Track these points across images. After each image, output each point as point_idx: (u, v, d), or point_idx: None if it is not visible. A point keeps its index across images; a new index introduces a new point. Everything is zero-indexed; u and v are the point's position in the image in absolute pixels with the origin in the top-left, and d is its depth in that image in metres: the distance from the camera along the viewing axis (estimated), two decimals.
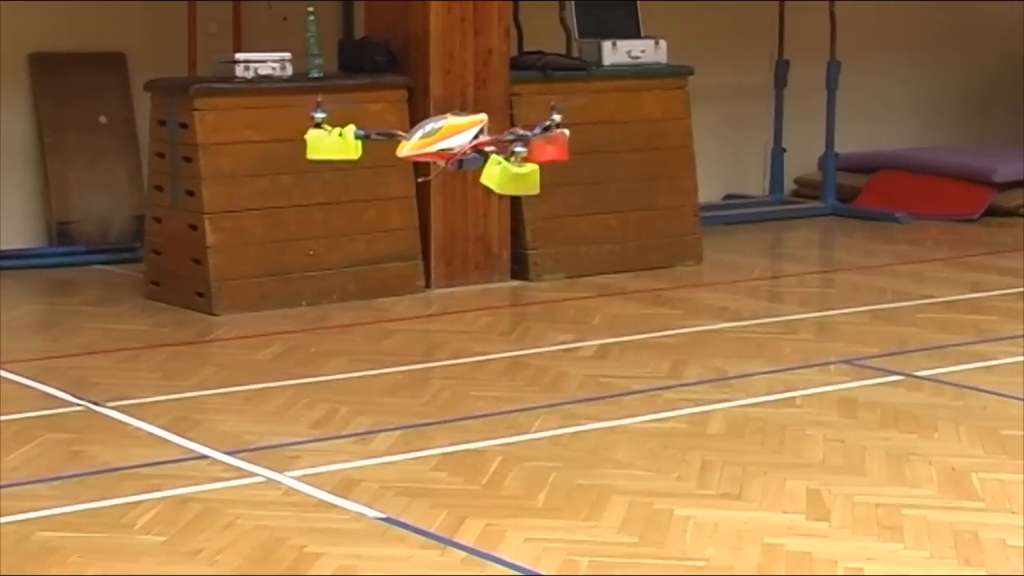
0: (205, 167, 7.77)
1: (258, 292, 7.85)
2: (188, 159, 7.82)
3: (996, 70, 12.52)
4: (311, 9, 8.16)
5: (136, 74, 9.06)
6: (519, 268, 8.65)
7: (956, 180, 10.90)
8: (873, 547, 4.55)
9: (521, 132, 4.91)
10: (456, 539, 4.59)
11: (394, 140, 4.84)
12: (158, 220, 8.09)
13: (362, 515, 4.79)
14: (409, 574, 4.32)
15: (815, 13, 10.80)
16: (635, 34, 9.21)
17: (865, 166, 11.32)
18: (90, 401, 6.07)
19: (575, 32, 9.22)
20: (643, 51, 9.11)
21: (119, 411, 5.94)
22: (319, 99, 4.93)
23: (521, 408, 6.03)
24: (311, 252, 8.01)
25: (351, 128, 4.94)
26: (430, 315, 7.91)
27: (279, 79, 8.04)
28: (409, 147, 4.75)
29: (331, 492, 4.99)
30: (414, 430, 5.74)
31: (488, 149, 4.73)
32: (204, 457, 5.38)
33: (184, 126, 7.83)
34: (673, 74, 9.17)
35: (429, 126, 4.76)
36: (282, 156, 7.94)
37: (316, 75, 8.17)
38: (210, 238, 7.76)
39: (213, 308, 7.71)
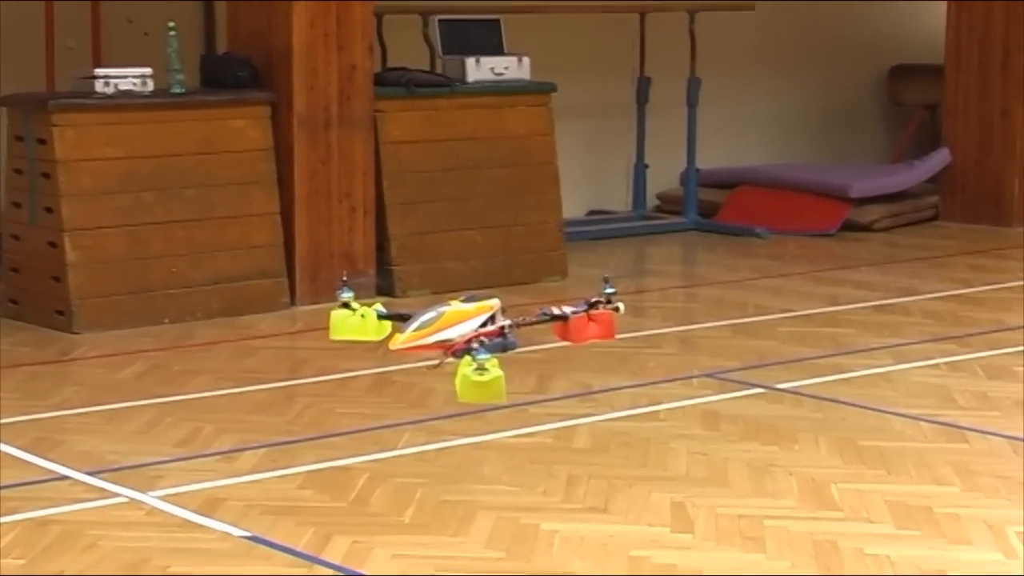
0: (64, 183, 7.66)
1: (120, 310, 7.75)
2: (47, 175, 7.70)
3: (854, 88, 12.77)
4: (172, 24, 8.09)
5: None
6: (384, 284, 8.64)
7: (814, 196, 11.09)
8: (736, 558, 4.61)
9: (557, 311, 4.79)
10: (323, 557, 4.57)
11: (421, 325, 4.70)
12: (16, 237, 7.95)
13: (227, 534, 4.75)
14: None
15: (675, 30, 10.93)
16: (498, 51, 9.26)
17: (725, 181, 11.48)
18: None
19: (439, 48, 9.24)
20: (506, 68, 9.15)
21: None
22: (344, 277, 4.90)
23: (387, 424, 6.02)
24: (174, 269, 7.93)
25: (374, 308, 4.88)
26: (295, 332, 7.87)
27: (140, 95, 7.95)
28: (402, 340, 4.55)
29: (196, 511, 4.94)
30: (279, 448, 5.70)
31: (496, 338, 4.62)
32: (65, 478, 5.30)
33: (42, 142, 7.72)
34: (536, 91, 9.23)
35: (427, 315, 4.61)
36: (144, 173, 7.87)
37: (178, 90, 8.10)
38: (70, 256, 7.65)
39: (74, 327, 7.61)
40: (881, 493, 5.19)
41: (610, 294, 4.85)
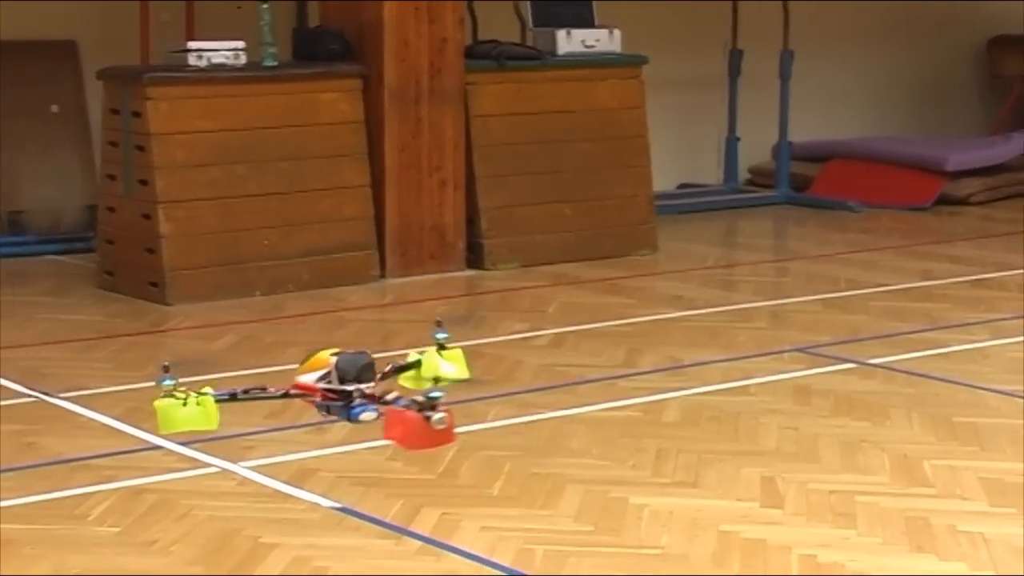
0: (158, 156, 7.73)
1: (212, 282, 7.81)
2: (141, 148, 7.78)
3: (949, 59, 12.60)
4: None
5: (88, 62, 9.00)
6: (474, 257, 8.65)
7: (908, 169, 10.96)
8: (826, 533, 4.58)
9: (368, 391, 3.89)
10: (411, 529, 4.59)
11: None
12: (111, 210, 8.04)
13: (317, 505, 4.78)
14: (364, 564, 4.31)
15: (768, 3, 10.83)
16: (589, 23, 9.22)
17: (818, 155, 11.38)
18: (43, 392, 6.04)
19: (529, 21, 9.22)
20: (597, 40, 9.11)
21: (72, 402, 5.91)
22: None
23: (476, 397, 6.03)
24: (266, 242, 7.98)
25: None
26: (385, 305, 7.90)
27: (233, 68, 8.01)
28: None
29: (286, 482, 4.98)
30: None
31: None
32: (158, 448, 5.35)
33: (137, 115, 7.79)
34: (627, 63, 9.19)
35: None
36: (236, 145, 7.92)
37: (270, 64, 8.15)
38: (163, 227, 7.72)
39: (167, 298, 7.68)
40: (975, 470, 5.13)
41: (434, 399, 3.96)
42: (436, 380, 3.87)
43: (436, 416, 3.38)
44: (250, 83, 8.04)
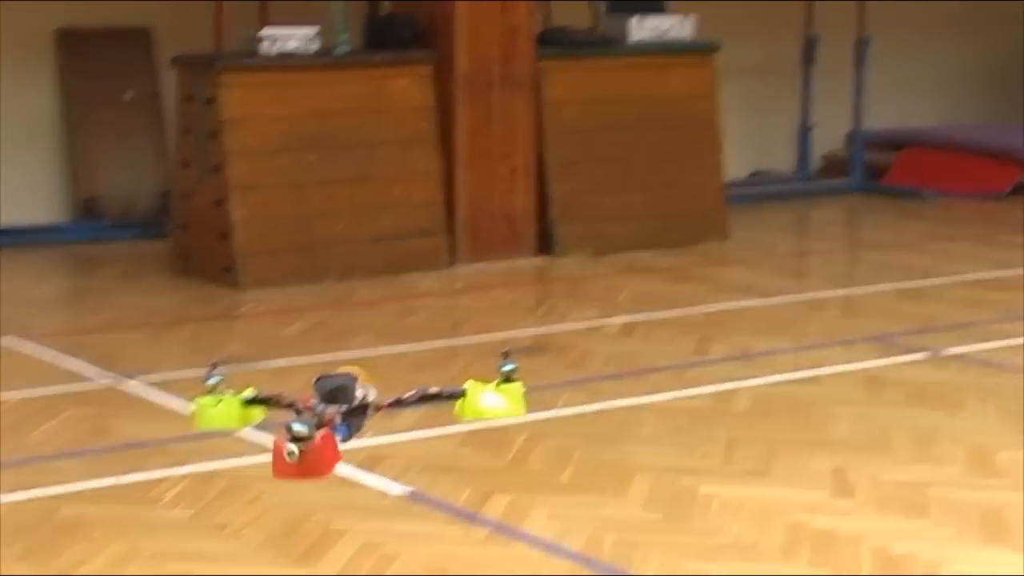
0: (231, 143, 7.77)
1: (284, 268, 7.85)
2: (214, 135, 7.82)
3: None
4: None
5: (162, 49, 9.07)
6: (544, 244, 8.64)
7: (985, 157, 10.84)
8: (898, 525, 4.54)
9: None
10: (481, 515, 4.59)
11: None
12: (185, 196, 8.10)
13: (387, 491, 4.79)
14: (433, 550, 4.32)
15: None
16: (661, 10, 9.18)
17: (893, 143, 11.27)
18: (116, 376, 6.09)
19: (601, 8, 9.19)
20: (669, 27, 9.07)
21: (145, 386, 5.96)
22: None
23: (546, 385, 6.02)
24: (337, 228, 8.01)
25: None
26: (455, 291, 7.91)
27: (305, 55, 8.03)
28: None
29: (356, 468, 4.99)
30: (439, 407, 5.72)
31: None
32: (229, 433, 5.38)
33: (210, 102, 7.83)
34: (700, 50, 9.14)
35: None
36: (308, 132, 7.95)
37: (342, 51, 8.17)
38: (236, 213, 7.77)
39: (239, 283, 7.73)
40: None
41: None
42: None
43: (287, 448, 3.21)
44: (322, 70, 8.07)
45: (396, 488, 4.81)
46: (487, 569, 4.19)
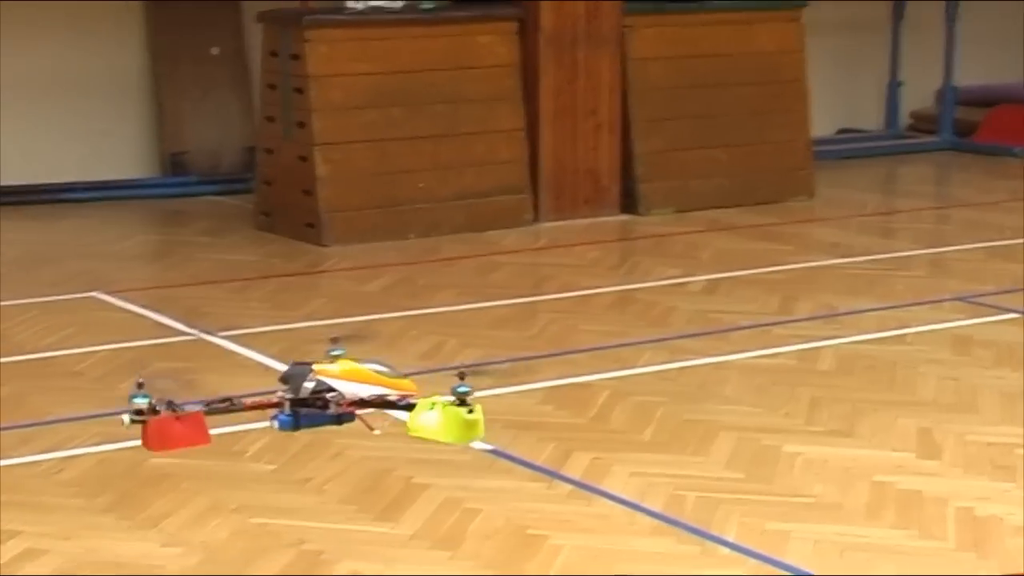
0: (316, 99, 7.79)
1: (367, 224, 7.88)
2: (299, 90, 7.85)
3: None
4: None
5: (248, 5, 9.10)
6: (628, 202, 8.60)
7: None
8: (985, 486, 4.49)
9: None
10: (562, 472, 4.59)
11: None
12: (269, 151, 8.14)
13: (468, 447, 4.80)
14: (515, 507, 4.33)
15: None
16: None
17: (983, 100, 11.10)
18: (202, 330, 6.14)
19: None
20: None
21: (230, 340, 6.01)
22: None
23: (628, 342, 6.01)
24: (421, 184, 8.02)
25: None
26: (538, 248, 7.90)
27: (391, 11, 8.04)
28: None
29: None
30: (521, 363, 5.74)
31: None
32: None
33: (296, 57, 7.85)
34: (787, 6, 9.03)
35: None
36: (392, 88, 7.95)
37: (427, 6, 8.16)
38: (320, 169, 7.80)
39: (323, 239, 7.76)
40: None
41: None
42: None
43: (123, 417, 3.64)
44: (408, 26, 8.06)
45: (477, 444, 4.81)
46: (568, 526, 4.19)
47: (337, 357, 3.81)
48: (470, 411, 3.90)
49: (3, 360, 5.67)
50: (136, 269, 7.45)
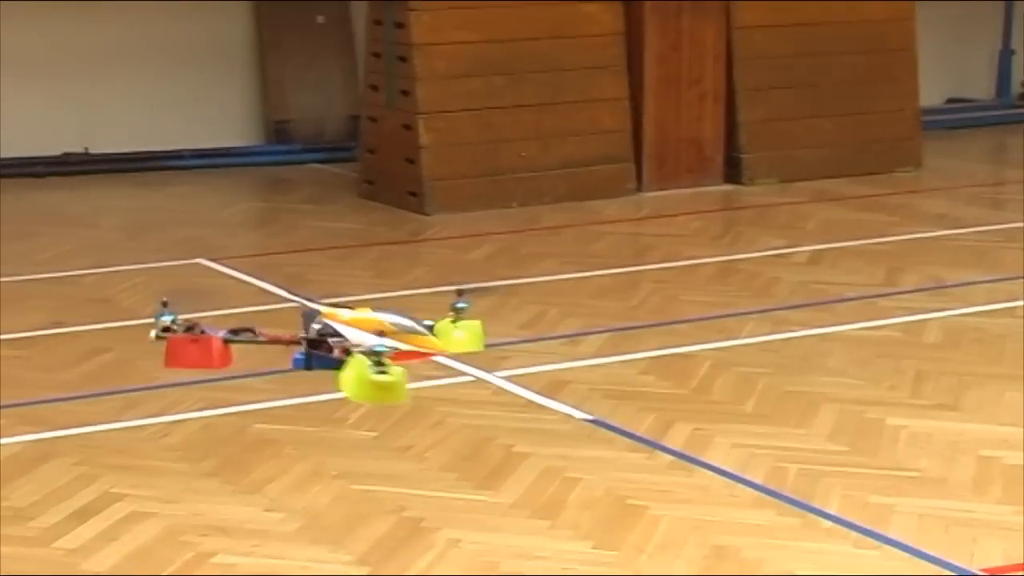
0: (420, 67, 7.80)
1: (470, 192, 7.88)
2: (403, 59, 7.86)
3: None
4: None
5: None
6: (732, 172, 8.54)
7: None
8: None
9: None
10: (663, 443, 4.57)
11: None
12: (373, 120, 8.16)
13: (569, 416, 4.80)
14: (615, 476, 4.32)
15: None
16: None
17: None
18: (305, 297, 6.18)
19: None
20: None
21: (332, 307, 6.02)
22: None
23: (731, 313, 5.97)
24: (523, 153, 8.01)
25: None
26: (641, 218, 7.86)
27: None
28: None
29: (539, 393, 5.01)
30: (623, 333, 5.72)
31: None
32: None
33: (400, 26, 7.86)
34: None
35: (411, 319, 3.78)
36: (496, 57, 7.94)
37: None
38: (424, 138, 7.81)
39: (425, 208, 7.78)
40: None
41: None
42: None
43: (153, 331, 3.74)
44: None
45: (578, 414, 4.81)
46: (668, 497, 4.18)
47: (460, 311, 3.80)
48: (381, 372, 3.67)
49: (111, 325, 5.74)
50: (240, 236, 7.51)
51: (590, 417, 4.78)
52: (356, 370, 3.63)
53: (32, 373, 5.22)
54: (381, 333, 3.73)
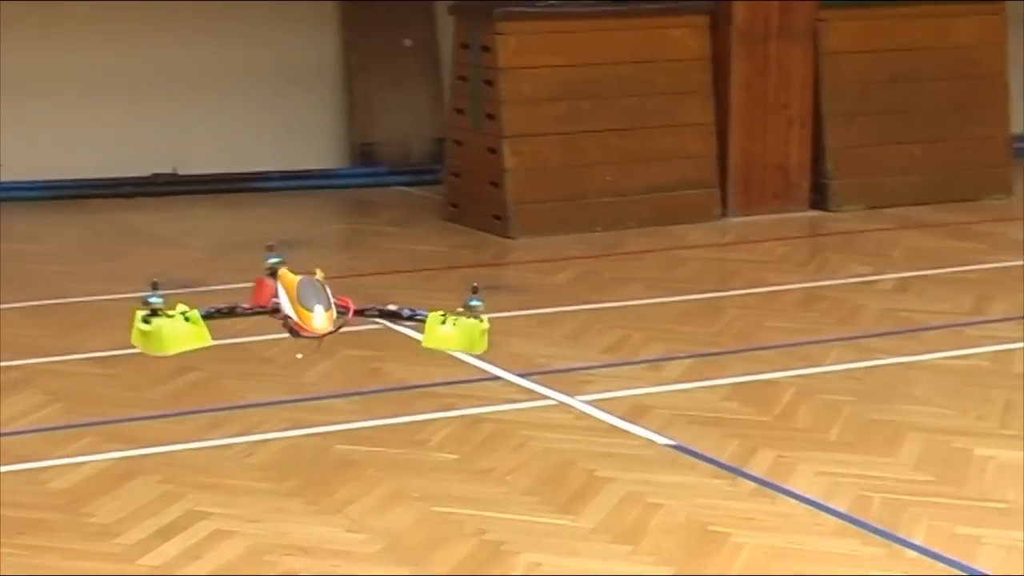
0: (506, 91, 7.82)
1: (554, 216, 7.88)
2: (489, 83, 7.88)
3: None
4: None
5: None
6: (818, 198, 8.48)
7: None
8: None
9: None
10: (746, 469, 4.54)
11: (247, 315, 4.05)
12: (458, 143, 8.19)
13: (652, 441, 4.78)
14: (697, 502, 4.29)
15: None
16: None
17: None
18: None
19: None
20: None
21: (416, 330, 6.03)
22: (155, 282, 3.84)
23: (816, 340, 5.92)
24: (608, 178, 8.00)
25: (194, 311, 3.93)
26: (725, 243, 7.83)
27: (582, 4, 8.03)
28: (323, 325, 3.84)
29: (621, 417, 4.99)
30: (706, 359, 5.70)
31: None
32: (497, 378, 5.44)
33: (486, 49, 7.89)
34: None
35: (321, 292, 3.91)
36: (581, 81, 7.95)
37: (619, 0, 8.14)
38: (509, 162, 7.82)
39: (509, 231, 7.79)
40: None
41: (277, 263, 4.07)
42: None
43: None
44: (598, 19, 8.05)
45: (661, 439, 4.79)
46: (751, 524, 4.15)
47: (473, 309, 3.87)
48: (146, 322, 3.76)
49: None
50: (325, 257, 7.51)
51: (673, 443, 4.76)
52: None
53: (119, 391, 5.28)
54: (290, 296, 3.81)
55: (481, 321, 3.79)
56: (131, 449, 4.69)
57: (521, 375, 5.47)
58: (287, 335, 3.88)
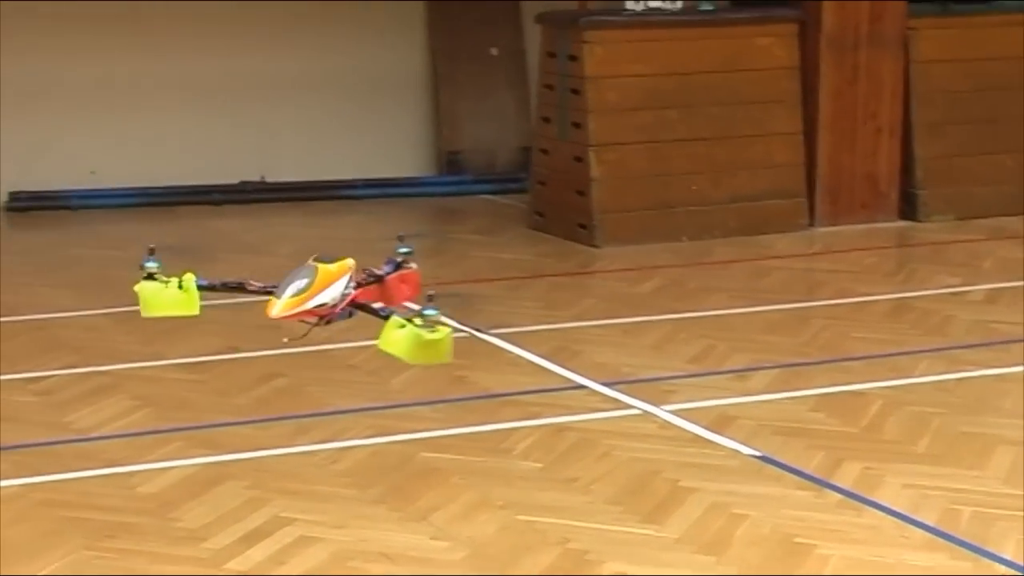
0: (592, 99, 7.82)
1: (640, 225, 7.87)
2: (576, 91, 7.88)
3: None
4: None
5: (528, 6, 9.19)
6: (907, 208, 8.40)
7: None
8: None
9: (376, 272, 4.27)
10: (832, 481, 4.51)
11: (243, 292, 4.24)
12: (544, 151, 8.19)
13: (737, 452, 4.76)
14: (783, 514, 4.26)
15: None
16: None
17: None
18: (474, 328, 6.22)
19: None
20: None
21: (502, 338, 6.07)
22: (152, 247, 4.17)
23: (904, 351, 5.87)
24: (694, 187, 7.98)
25: (191, 278, 4.19)
26: (812, 253, 7.78)
27: (669, 12, 8.02)
28: (282, 307, 3.99)
29: (706, 428, 4.97)
30: (792, 369, 5.66)
31: (360, 304, 4.09)
32: (582, 387, 5.44)
33: (573, 58, 7.89)
34: None
35: (300, 281, 4.08)
36: (668, 90, 7.93)
37: (706, 8, 8.12)
38: (595, 171, 7.82)
39: (595, 240, 7.78)
40: None
41: (405, 254, 4.40)
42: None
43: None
44: (685, 27, 8.03)
45: (746, 450, 4.76)
46: (837, 536, 4.11)
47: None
48: (432, 330, 3.84)
49: (284, 351, 5.83)
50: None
51: (758, 453, 4.73)
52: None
53: (207, 397, 5.33)
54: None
55: (435, 331, 3.80)
56: (218, 454, 4.73)
57: (606, 384, 5.46)
58: (373, 342, 3.92)
